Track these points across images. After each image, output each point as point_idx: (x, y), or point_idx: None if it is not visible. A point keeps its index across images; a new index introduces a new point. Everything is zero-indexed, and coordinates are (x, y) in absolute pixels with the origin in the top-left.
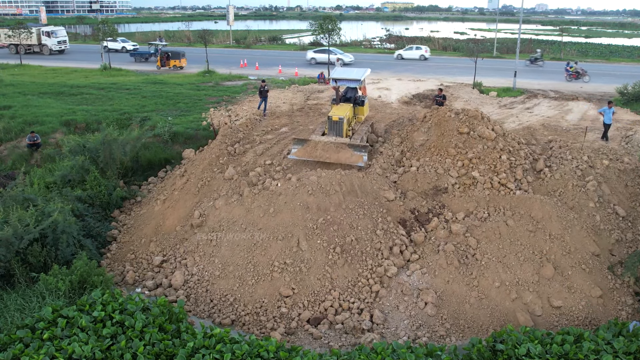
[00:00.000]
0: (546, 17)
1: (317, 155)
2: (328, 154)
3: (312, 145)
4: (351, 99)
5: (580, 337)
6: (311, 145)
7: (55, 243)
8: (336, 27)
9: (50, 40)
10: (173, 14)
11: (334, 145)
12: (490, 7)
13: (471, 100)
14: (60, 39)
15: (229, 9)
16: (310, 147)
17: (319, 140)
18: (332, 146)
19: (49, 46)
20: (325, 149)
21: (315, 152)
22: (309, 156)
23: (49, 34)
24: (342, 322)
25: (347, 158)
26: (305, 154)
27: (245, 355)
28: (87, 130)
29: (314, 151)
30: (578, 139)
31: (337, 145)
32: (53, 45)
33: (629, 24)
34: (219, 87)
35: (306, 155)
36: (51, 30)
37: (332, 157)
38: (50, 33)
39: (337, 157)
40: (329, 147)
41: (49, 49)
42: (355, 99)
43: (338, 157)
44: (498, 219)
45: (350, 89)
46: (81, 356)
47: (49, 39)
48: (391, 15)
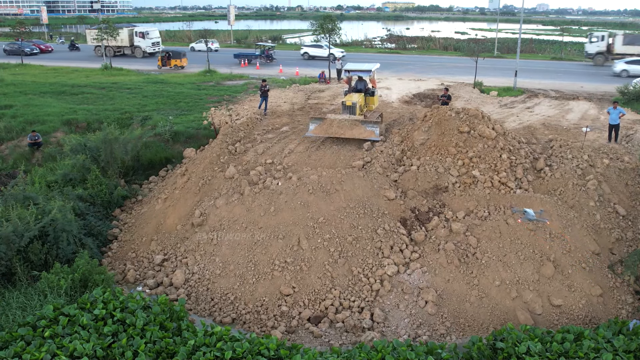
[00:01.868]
0: (547, 17)
1: (332, 131)
2: (343, 130)
3: (328, 123)
4: (361, 90)
5: (580, 336)
6: (327, 123)
7: (56, 241)
8: (337, 27)
9: (144, 41)
10: (174, 14)
11: (348, 123)
12: (491, 7)
13: (472, 99)
14: (154, 39)
15: (230, 8)
16: (327, 125)
17: (334, 118)
18: (347, 123)
19: (142, 48)
20: (340, 126)
21: (331, 129)
22: (325, 133)
23: (143, 35)
24: (343, 321)
25: (361, 133)
26: (322, 131)
27: (246, 353)
28: (88, 130)
29: (329, 128)
30: (578, 138)
31: (351, 122)
32: (147, 47)
33: (630, 24)
34: (220, 86)
35: (322, 132)
36: (145, 31)
37: (346, 133)
38: (144, 34)
39: (352, 133)
40: (344, 124)
41: (142, 51)
42: (366, 89)
43: (352, 132)
44: (498, 218)
45: (359, 81)
46: (82, 354)
47: (142, 40)
48: (392, 15)
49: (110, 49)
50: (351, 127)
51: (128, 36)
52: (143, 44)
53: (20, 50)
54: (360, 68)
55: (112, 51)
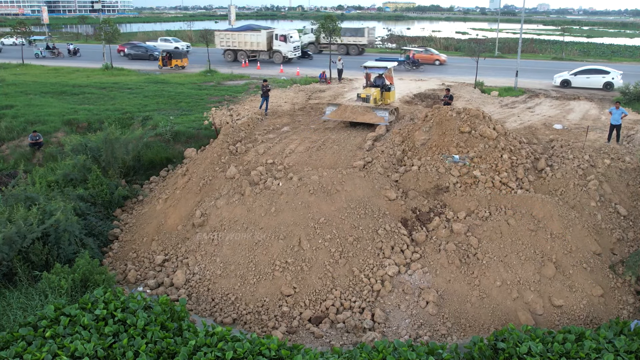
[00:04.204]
0: (548, 17)
1: (346, 116)
2: (355, 115)
3: (343, 108)
4: (379, 86)
5: (581, 336)
6: (342, 108)
7: (57, 242)
8: (337, 27)
9: (286, 45)
10: (175, 14)
11: (361, 109)
12: (492, 7)
13: (472, 99)
14: (295, 43)
15: (231, 8)
16: (341, 110)
17: (349, 104)
18: (360, 109)
19: (282, 53)
20: (353, 112)
21: (345, 114)
22: (340, 117)
23: (285, 38)
24: (344, 321)
25: (371, 118)
26: (337, 115)
27: (247, 353)
28: (89, 130)
29: (344, 113)
30: (579, 138)
31: (364, 108)
32: (288, 51)
33: (631, 24)
34: (221, 86)
35: (337, 116)
36: (287, 34)
37: (358, 118)
38: (286, 37)
39: (363, 118)
40: (357, 110)
41: (282, 56)
42: (383, 85)
43: (364, 117)
44: (499, 218)
45: (378, 77)
46: (83, 354)
47: (284, 44)
48: (393, 15)
49: (243, 53)
50: (363, 112)
51: (266, 40)
52: (284, 48)
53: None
54: (378, 65)
55: (245, 56)
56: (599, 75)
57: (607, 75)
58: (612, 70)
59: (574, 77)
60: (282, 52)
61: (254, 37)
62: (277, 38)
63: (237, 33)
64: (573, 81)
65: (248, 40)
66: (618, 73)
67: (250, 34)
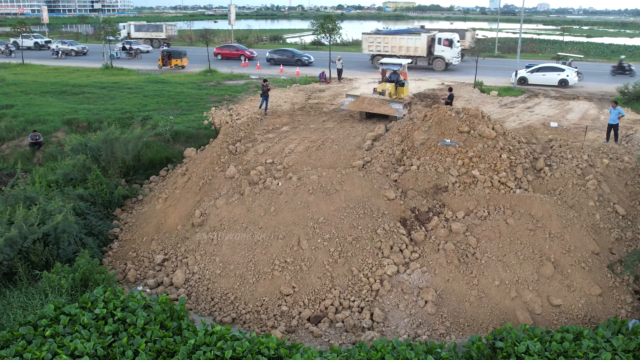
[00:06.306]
0: (548, 16)
1: (363, 107)
2: (372, 106)
3: (360, 100)
4: (394, 81)
5: (579, 335)
6: (359, 100)
7: (57, 241)
8: (337, 27)
9: (450, 51)
10: (174, 14)
11: (378, 101)
12: (491, 6)
13: (472, 99)
14: (459, 47)
15: (231, 8)
16: (359, 101)
17: (366, 95)
18: (376, 101)
19: (445, 60)
20: (370, 103)
21: (363, 105)
22: (358, 108)
23: (450, 43)
24: (343, 321)
25: (387, 110)
26: (355, 106)
27: (246, 352)
28: (88, 129)
29: (361, 104)
30: (578, 138)
31: (380, 100)
32: (452, 57)
33: (631, 24)
34: (220, 86)
35: (355, 107)
36: (452, 37)
37: (375, 109)
38: (451, 41)
39: (379, 109)
40: (374, 102)
41: (445, 63)
42: (397, 81)
43: (379, 109)
44: (498, 218)
45: (393, 73)
46: (83, 353)
47: (448, 49)
48: (393, 15)
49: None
50: (379, 104)
51: (426, 44)
52: (448, 54)
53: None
54: (393, 62)
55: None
56: (554, 72)
57: (562, 72)
58: (567, 67)
59: (531, 75)
60: (445, 58)
61: (412, 41)
62: (440, 42)
63: (392, 37)
64: (530, 78)
65: (404, 45)
66: (573, 70)
67: (408, 37)
